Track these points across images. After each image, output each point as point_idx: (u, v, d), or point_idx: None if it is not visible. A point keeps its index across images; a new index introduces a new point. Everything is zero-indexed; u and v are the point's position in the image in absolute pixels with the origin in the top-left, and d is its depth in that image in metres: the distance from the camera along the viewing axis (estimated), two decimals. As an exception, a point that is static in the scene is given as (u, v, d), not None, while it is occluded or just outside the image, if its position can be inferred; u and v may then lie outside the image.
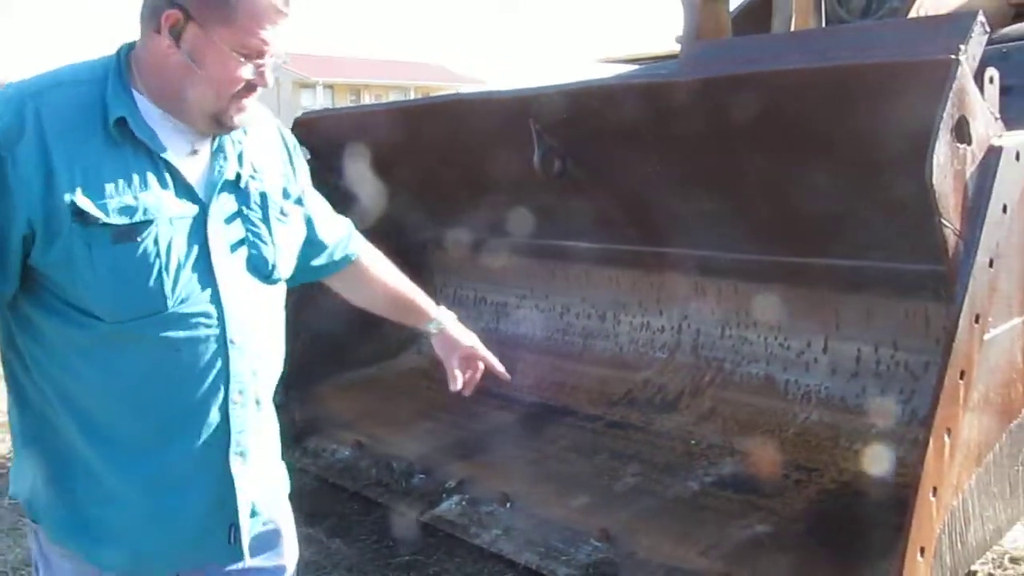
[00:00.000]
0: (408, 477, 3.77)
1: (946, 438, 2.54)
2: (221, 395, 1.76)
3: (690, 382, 3.92)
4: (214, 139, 1.78)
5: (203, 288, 1.72)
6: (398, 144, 4.15)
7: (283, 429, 4.41)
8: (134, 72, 1.71)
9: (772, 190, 3.23)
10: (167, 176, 1.70)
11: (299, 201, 1.99)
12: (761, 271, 3.65)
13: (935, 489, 2.52)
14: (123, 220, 1.62)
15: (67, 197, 1.59)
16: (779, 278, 3.61)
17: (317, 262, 2.12)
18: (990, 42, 2.94)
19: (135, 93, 1.70)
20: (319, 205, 2.13)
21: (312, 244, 2.07)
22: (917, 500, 2.48)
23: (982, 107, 2.62)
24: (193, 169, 1.75)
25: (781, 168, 3.12)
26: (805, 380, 3.62)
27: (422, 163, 4.28)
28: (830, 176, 3.01)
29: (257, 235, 1.83)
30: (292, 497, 3.83)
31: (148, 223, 1.65)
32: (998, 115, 2.73)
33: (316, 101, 46.10)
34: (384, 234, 4.61)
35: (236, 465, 1.81)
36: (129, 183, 1.64)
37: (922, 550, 2.50)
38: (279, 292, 1.92)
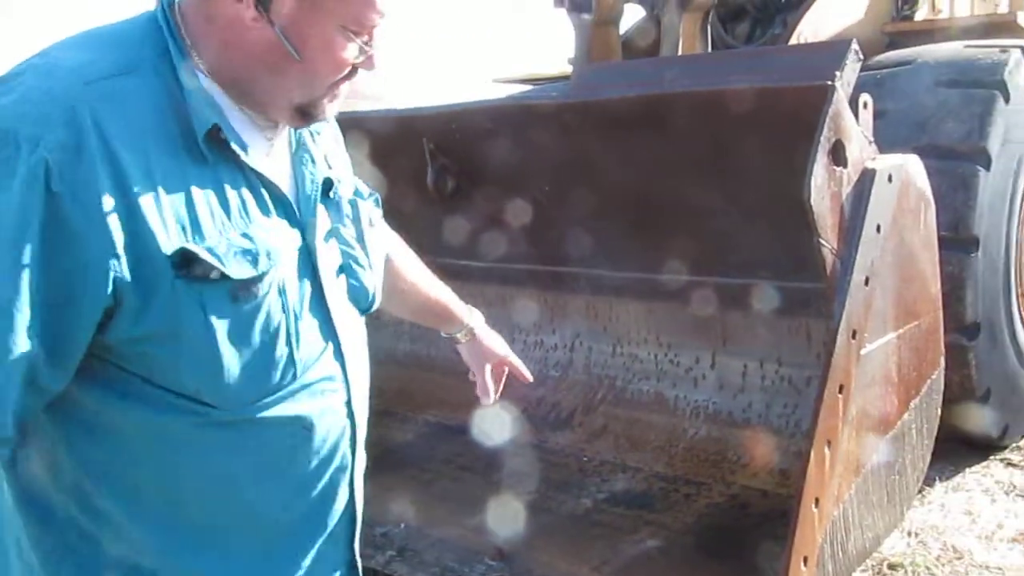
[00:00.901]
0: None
1: (826, 450, 2.63)
2: (349, 470, 1.40)
3: (583, 400, 3.96)
4: (293, 139, 1.37)
5: (325, 342, 1.33)
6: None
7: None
8: (185, 39, 1.22)
9: (662, 210, 3.30)
10: (266, 196, 1.26)
11: (376, 201, 1.59)
12: (651, 289, 3.72)
13: (817, 500, 2.61)
14: (245, 271, 1.18)
15: (165, 243, 1.12)
16: (669, 296, 3.69)
17: None
18: (864, 69, 3.08)
19: (200, 76, 1.22)
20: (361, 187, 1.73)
21: None
22: (800, 511, 2.55)
23: (857, 131, 2.73)
24: (282, 176, 1.31)
25: (670, 189, 3.19)
26: (694, 396, 3.69)
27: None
28: (717, 196, 3.10)
29: (355, 259, 1.41)
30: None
31: (265, 271, 1.21)
32: (872, 139, 2.85)
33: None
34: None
35: (358, 558, 1.48)
36: (228, 213, 1.19)
37: (805, 559, 2.58)
38: (364, 326, 1.51)
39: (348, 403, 1.37)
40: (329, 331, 1.33)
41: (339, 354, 1.35)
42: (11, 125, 1.06)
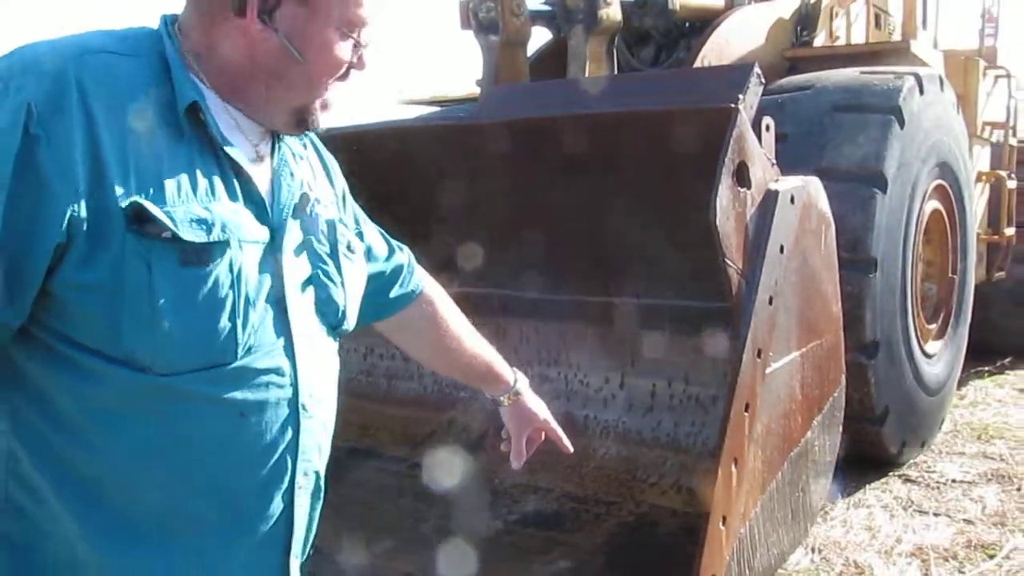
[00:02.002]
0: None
1: (733, 468, 2.66)
2: (287, 477, 1.35)
3: (493, 421, 3.94)
4: (275, 147, 1.41)
5: (276, 336, 1.32)
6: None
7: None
8: (186, 55, 1.30)
9: (569, 230, 3.31)
10: (237, 187, 1.31)
11: (359, 233, 1.63)
12: (561, 310, 3.73)
13: (724, 518, 2.63)
14: (197, 236, 1.20)
15: (123, 196, 1.16)
16: (578, 317, 3.70)
17: (378, 299, 1.70)
18: (766, 92, 3.15)
19: (198, 83, 1.30)
20: (371, 229, 1.73)
21: (372, 277, 1.64)
22: (708, 529, 2.57)
23: (760, 153, 2.79)
24: (262, 181, 1.35)
25: (577, 209, 3.21)
26: (603, 416, 3.70)
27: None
28: (624, 217, 3.12)
29: (326, 273, 1.43)
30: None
31: (223, 244, 1.23)
32: (774, 160, 2.91)
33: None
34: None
35: (295, 570, 1.40)
36: (195, 188, 1.24)
37: (713, 577, 2.60)
38: (336, 349, 1.51)
39: (293, 404, 1.34)
40: (283, 328, 1.33)
41: (291, 353, 1.34)
42: (8, 73, 1.17)
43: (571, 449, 2.03)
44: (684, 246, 3.01)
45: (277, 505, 1.35)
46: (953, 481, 4.40)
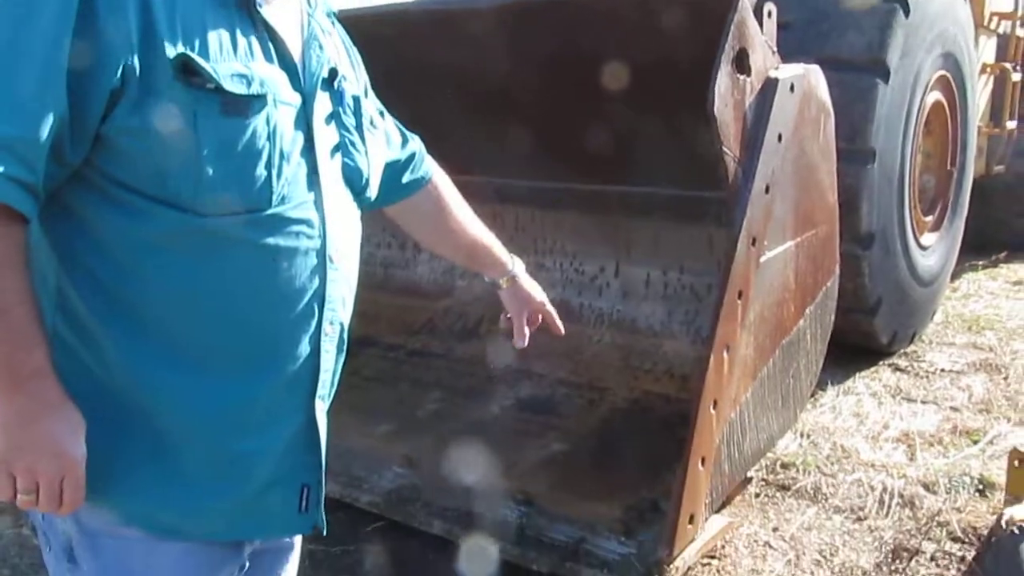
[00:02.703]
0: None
1: (725, 354, 2.70)
2: (314, 322, 1.44)
3: (489, 309, 3.98)
4: (305, 24, 1.48)
5: (308, 190, 1.41)
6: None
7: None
8: None
9: (568, 119, 3.29)
10: (272, 51, 1.39)
11: (381, 112, 1.71)
12: (557, 198, 3.73)
13: (715, 403, 2.68)
14: (238, 89, 1.30)
15: (171, 48, 1.25)
16: (574, 205, 3.71)
17: (392, 184, 1.78)
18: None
19: None
20: (388, 118, 1.81)
21: (387, 164, 1.73)
22: (698, 414, 2.63)
23: (760, 40, 2.75)
24: (295, 49, 1.44)
25: (575, 96, 3.18)
26: (598, 304, 3.74)
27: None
28: (622, 105, 3.09)
29: (352, 143, 1.52)
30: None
31: (261, 99, 1.33)
32: (775, 48, 2.87)
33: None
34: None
35: (319, 411, 1.48)
36: (235, 48, 1.32)
37: (703, 460, 2.67)
38: (359, 216, 1.60)
39: (321, 255, 1.43)
40: (313, 185, 1.42)
41: (320, 207, 1.43)
42: None
43: (563, 332, 2.09)
44: (682, 135, 2.99)
45: (304, 348, 1.44)
46: (942, 370, 4.47)
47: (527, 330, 2.02)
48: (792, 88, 2.86)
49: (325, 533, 1.58)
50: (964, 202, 5.46)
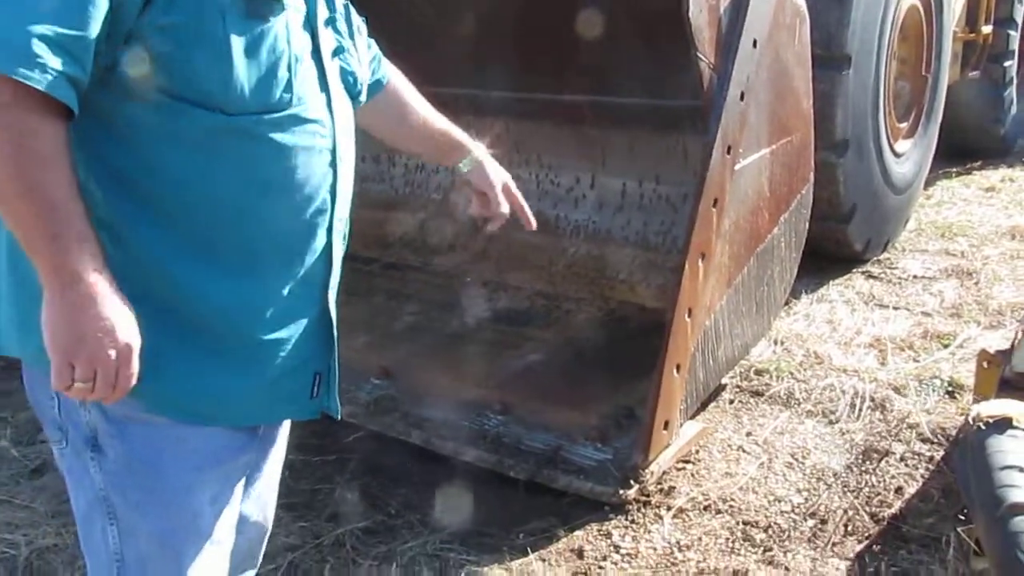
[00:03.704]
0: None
1: (700, 262, 2.71)
2: (328, 217, 1.52)
3: (464, 222, 3.97)
4: None
5: (320, 91, 1.49)
6: None
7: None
8: None
9: (542, 30, 3.24)
10: None
11: (365, 18, 1.77)
12: (531, 110, 3.69)
13: (690, 310, 2.71)
14: None
15: None
16: (548, 116, 3.67)
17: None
18: None
19: None
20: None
21: None
22: (673, 321, 2.65)
23: (736, -57, 2.71)
24: None
25: (550, 7, 3.13)
26: (574, 215, 3.73)
27: None
28: (595, 13, 3.04)
29: (346, 48, 1.61)
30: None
31: (280, 2, 1.40)
32: (751, -48, 2.82)
33: None
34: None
35: (331, 302, 1.57)
36: None
37: (678, 367, 2.71)
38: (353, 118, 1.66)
39: (332, 152, 1.51)
40: (323, 85, 1.50)
41: (329, 108, 1.50)
42: None
43: (533, 223, 2.11)
44: (656, 44, 2.95)
45: (320, 241, 1.51)
46: (914, 277, 4.52)
47: (503, 207, 2.00)
48: (767, -8, 2.83)
49: (339, 418, 1.67)
50: (939, 108, 5.45)
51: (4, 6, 1.20)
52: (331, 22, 1.57)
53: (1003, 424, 1.81)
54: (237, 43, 1.34)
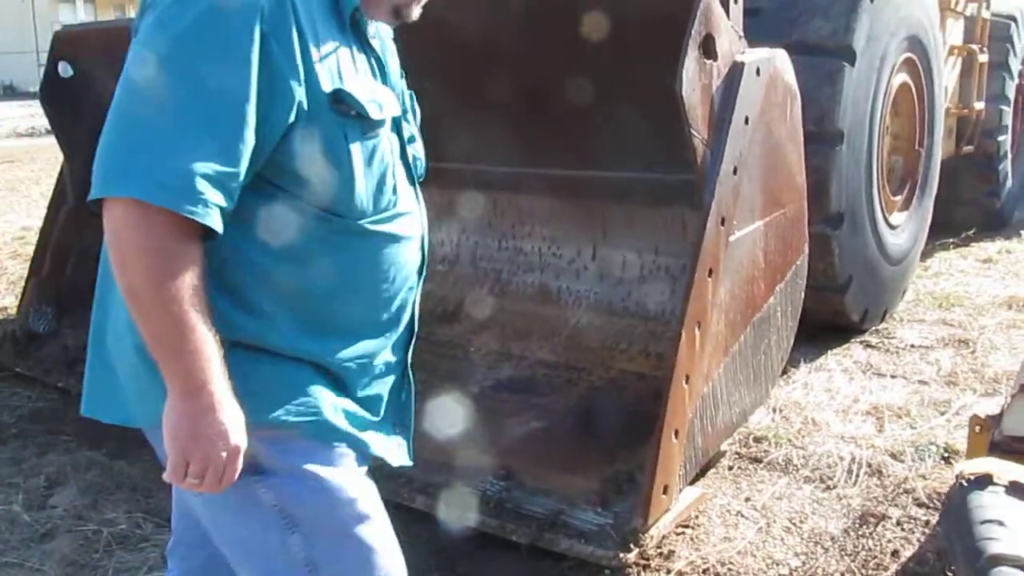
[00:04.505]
0: (191, 397, 3.73)
1: (696, 331, 2.79)
2: (416, 289, 1.73)
3: (469, 292, 4.06)
4: (381, 35, 1.72)
5: (409, 185, 1.69)
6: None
7: (56, 357, 4.25)
8: None
9: (544, 106, 3.37)
10: (378, 70, 1.64)
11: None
12: (534, 184, 3.81)
13: (687, 377, 2.78)
14: (374, 114, 1.54)
15: (327, 82, 1.46)
16: (550, 190, 3.78)
17: None
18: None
19: None
20: None
21: None
22: (671, 388, 2.72)
23: (727, 26, 2.84)
24: (390, 65, 1.72)
25: (551, 84, 3.26)
26: (576, 287, 3.82)
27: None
28: (594, 92, 3.17)
29: (412, 137, 1.81)
30: (68, 423, 3.76)
31: (384, 120, 1.58)
32: (742, 34, 2.96)
33: (76, 17, 42.91)
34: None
35: (408, 364, 1.78)
36: (356, 70, 1.55)
37: (676, 432, 2.77)
38: None
39: (422, 239, 1.72)
40: (410, 179, 1.70)
41: (417, 199, 1.72)
42: None
43: None
44: (653, 119, 3.07)
45: (409, 311, 1.71)
46: (912, 346, 4.59)
47: None
48: (758, 71, 2.96)
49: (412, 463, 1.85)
50: (933, 182, 5.58)
51: (168, 146, 1.33)
52: (404, 116, 1.73)
53: (984, 480, 1.88)
54: (357, 159, 1.51)
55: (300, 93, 1.42)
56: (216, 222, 1.36)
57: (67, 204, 4.55)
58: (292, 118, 1.43)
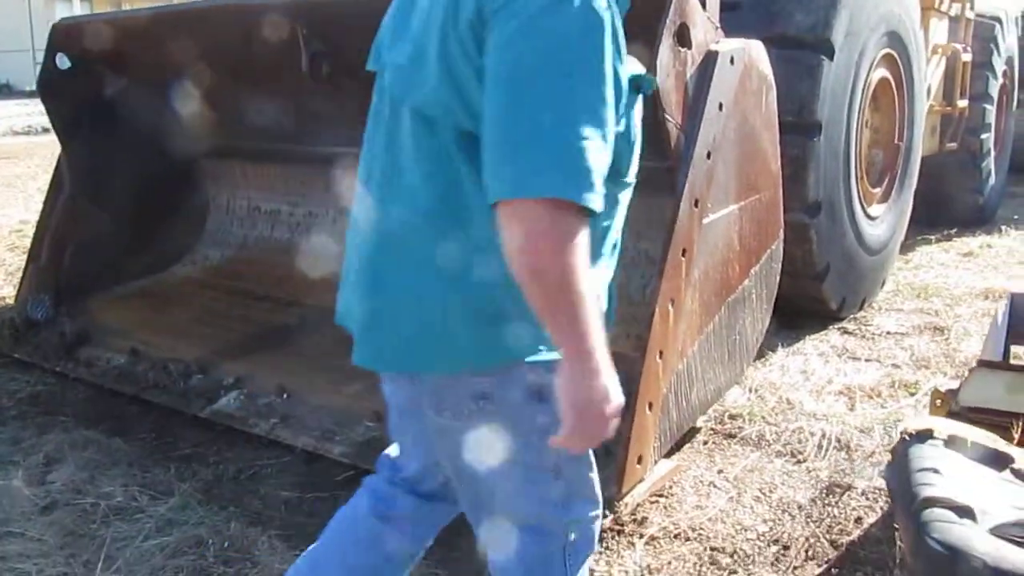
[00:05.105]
0: (186, 378, 3.83)
1: (670, 307, 2.91)
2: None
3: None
4: None
5: None
6: (166, 51, 4.13)
7: (54, 343, 4.34)
8: None
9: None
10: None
11: None
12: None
13: (661, 352, 2.90)
14: (645, 88, 1.73)
15: (631, 68, 1.67)
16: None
17: None
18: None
19: None
20: None
21: None
22: (645, 362, 2.84)
23: (702, 16, 2.96)
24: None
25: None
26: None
27: (191, 70, 4.27)
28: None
29: None
30: (66, 405, 3.87)
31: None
32: (718, 24, 3.08)
33: (73, 12, 42.91)
34: (151, 145, 4.60)
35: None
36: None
37: (650, 405, 2.88)
38: None
39: None
40: None
41: None
42: None
43: None
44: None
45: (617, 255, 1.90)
46: (888, 333, 4.71)
47: None
48: (732, 60, 3.07)
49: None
50: (913, 175, 5.70)
51: (578, 151, 1.47)
52: None
53: (925, 435, 2.00)
54: (637, 128, 1.73)
55: (621, 73, 1.59)
56: (600, 207, 1.52)
57: (64, 194, 4.63)
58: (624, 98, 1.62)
